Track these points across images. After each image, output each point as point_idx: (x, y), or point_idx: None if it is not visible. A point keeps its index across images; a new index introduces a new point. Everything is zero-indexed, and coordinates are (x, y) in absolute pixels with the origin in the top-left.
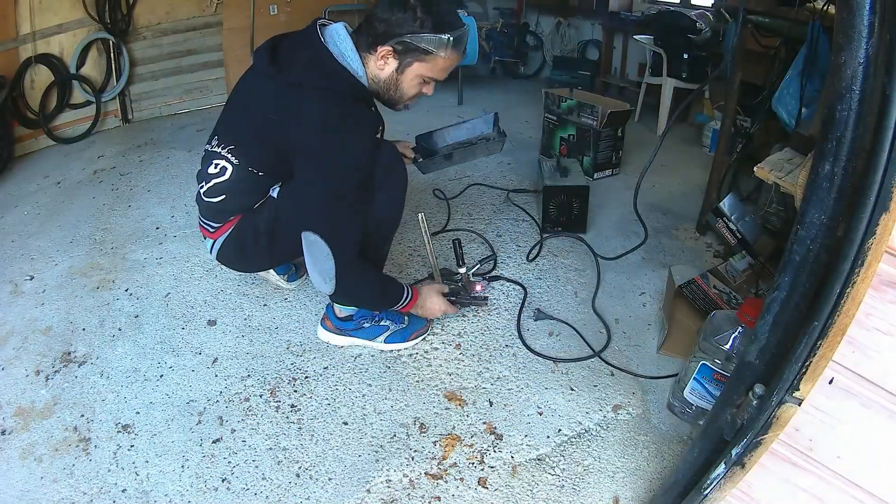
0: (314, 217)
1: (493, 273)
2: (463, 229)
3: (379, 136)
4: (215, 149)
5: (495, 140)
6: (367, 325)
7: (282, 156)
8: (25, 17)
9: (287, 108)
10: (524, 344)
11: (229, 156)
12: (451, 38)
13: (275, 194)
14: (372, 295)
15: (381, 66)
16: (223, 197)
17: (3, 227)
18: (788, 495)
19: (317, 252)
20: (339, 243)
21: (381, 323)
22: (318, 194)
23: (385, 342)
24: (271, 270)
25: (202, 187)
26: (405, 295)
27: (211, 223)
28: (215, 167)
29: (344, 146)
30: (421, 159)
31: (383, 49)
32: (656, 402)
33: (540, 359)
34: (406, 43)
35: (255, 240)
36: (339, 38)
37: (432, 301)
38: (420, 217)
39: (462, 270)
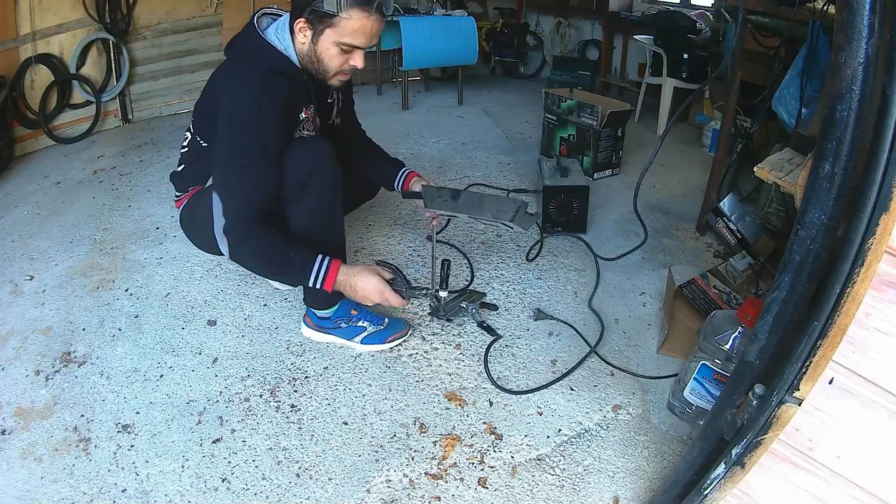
0: (216, 175)
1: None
2: (444, 241)
3: (310, 112)
4: (189, 123)
5: (506, 202)
6: (343, 325)
7: (214, 128)
8: (25, 17)
9: (218, 87)
10: (496, 386)
11: (191, 126)
12: None
13: None
14: (263, 263)
15: (302, 40)
16: (183, 166)
17: (3, 227)
18: (788, 495)
19: (216, 210)
20: (231, 203)
21: (359, 324)
22: (219, 152)
23: (362, 343)
24: None
25: (178, 159)
26: (314, 270)
27: (176, 192)
28: (184, 139)
29: (244, 108)
30: (431, 187)
31: (299, 21)
32: (656, 402)
33: (539, 358)
34: (314, 10)
35: (202, 216)
36: (281, 23)
37: (365, 282)
38: (429, 218)
39: (442, 294)
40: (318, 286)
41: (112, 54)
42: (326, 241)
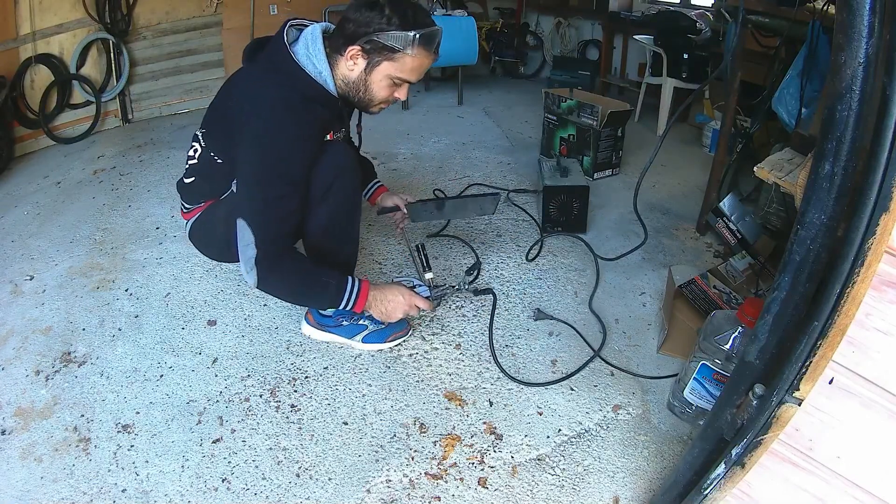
0: (244, 203)
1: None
2: (449, 235)
3: (339, 136)
4: (197, 132)
5: (488, 200)
6: (345, 322)
7: (233, 143)
8: (25, 17)
9: (242, 98)
10: (499, 366)
11: (201, 139)
12: (419, 35)
13: (236, 190)
14: (292, 292)
15: (350, 66)
16: (193, 179)
17: (3, 227)
18: (788, 495)
19: (243, 239)
20: (263, 232)
21: (360, 322)
22: (248, 182)
23: (362, 342)
24: None
25: (184, 169)
26: (345, 296)
27: (185, 204)
28: (192, 149)
29: (277, 139)
30: (414, 204)
31: (352, 49)
32: (656, 402)
33: (539, 358)
34: (374, 41)
35: (216, 230)
36: (311, 40)
37: (394, 297)
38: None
39: (428, 276)
40: (349, 308)
41: (112, 54)
42: (342, 246)
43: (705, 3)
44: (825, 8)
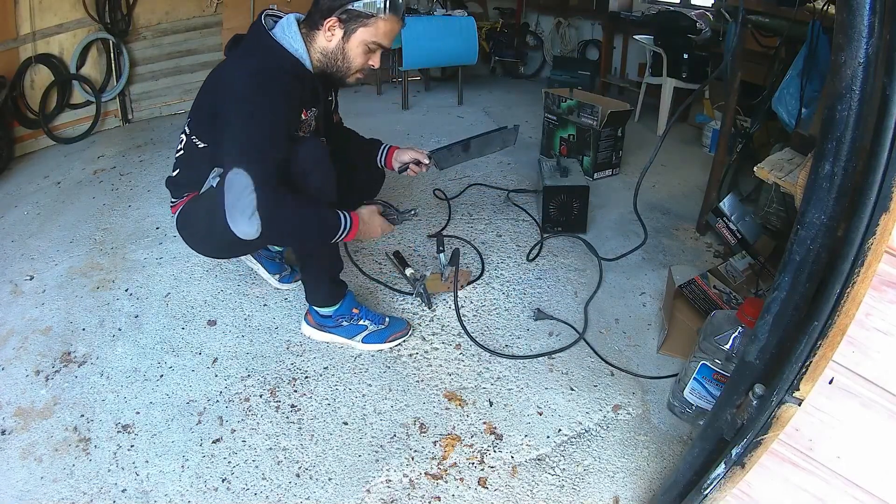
0: (232, 151)
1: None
2: (450, 235)
3: (312, 113)
4: (184, 125)
5: (510, 132)
6: (345, 323)
7: (214, 119)
8: (25, 17)
9: (222, 76)
10: (466, 332)
11: (186, 128)
12: (389, 2)
13: (214, 184)
14: (303, 225)
15: (328, 37)
16: (178, 171)
17: (3, 227)
18: (788, 495)
19: (238, 189)
20: (262, 171)
21: (360, 322)
22: (233, 128)
23: (363, 342)
24: (261, 267)
25: (172, 164)
26: (343, 223)
27: (172, 198)
28: (179, 142)
29: (256, 86)
30: (439, 151)
31: (330, 20)
32: (656, 402)
33: (539, 358)
34: (350, 10)
35: (198, 222)
36: (286, 24)
37: (373, 222)
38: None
39: (409, 272)
40: (342, 238)
41: (112, 54)
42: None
43: (705, 3)
44: (825, 8)
